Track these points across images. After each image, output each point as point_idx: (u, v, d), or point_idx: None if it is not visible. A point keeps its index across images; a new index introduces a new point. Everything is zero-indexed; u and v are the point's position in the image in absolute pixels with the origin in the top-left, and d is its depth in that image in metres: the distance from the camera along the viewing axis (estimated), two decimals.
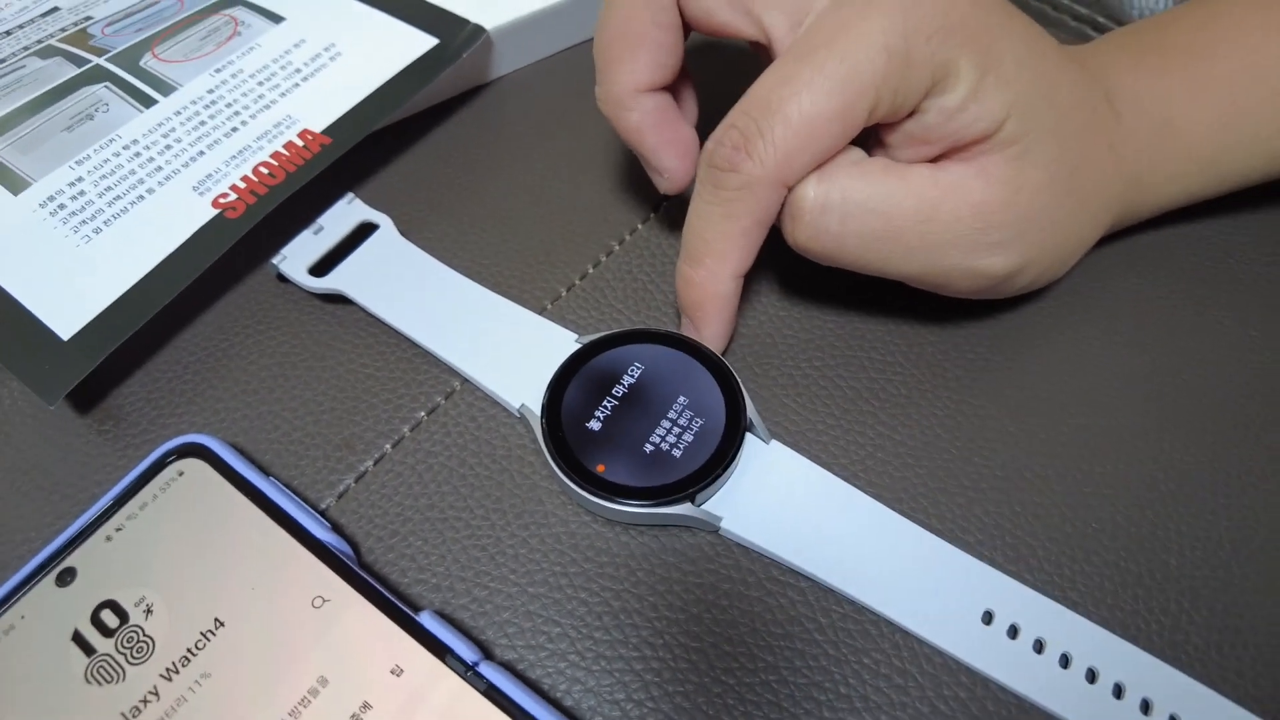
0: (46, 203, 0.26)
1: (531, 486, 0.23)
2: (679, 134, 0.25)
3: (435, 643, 0.19)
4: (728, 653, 0.20)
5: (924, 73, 0.20)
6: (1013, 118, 0.20)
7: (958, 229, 0.21)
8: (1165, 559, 0.21)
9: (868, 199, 0.21)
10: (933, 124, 0.21)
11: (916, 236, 0.21)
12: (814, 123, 0.20)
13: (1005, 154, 0.21)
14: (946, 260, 0.22)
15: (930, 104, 0.21)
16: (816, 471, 0.22)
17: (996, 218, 0.21)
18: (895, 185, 0.21)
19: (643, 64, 0.23)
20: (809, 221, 0.22)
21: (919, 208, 0.21)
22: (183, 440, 0.22)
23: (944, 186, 0.21)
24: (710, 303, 0.23)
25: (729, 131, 0.21)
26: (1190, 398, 0.24)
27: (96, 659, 0.19)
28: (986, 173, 0.21)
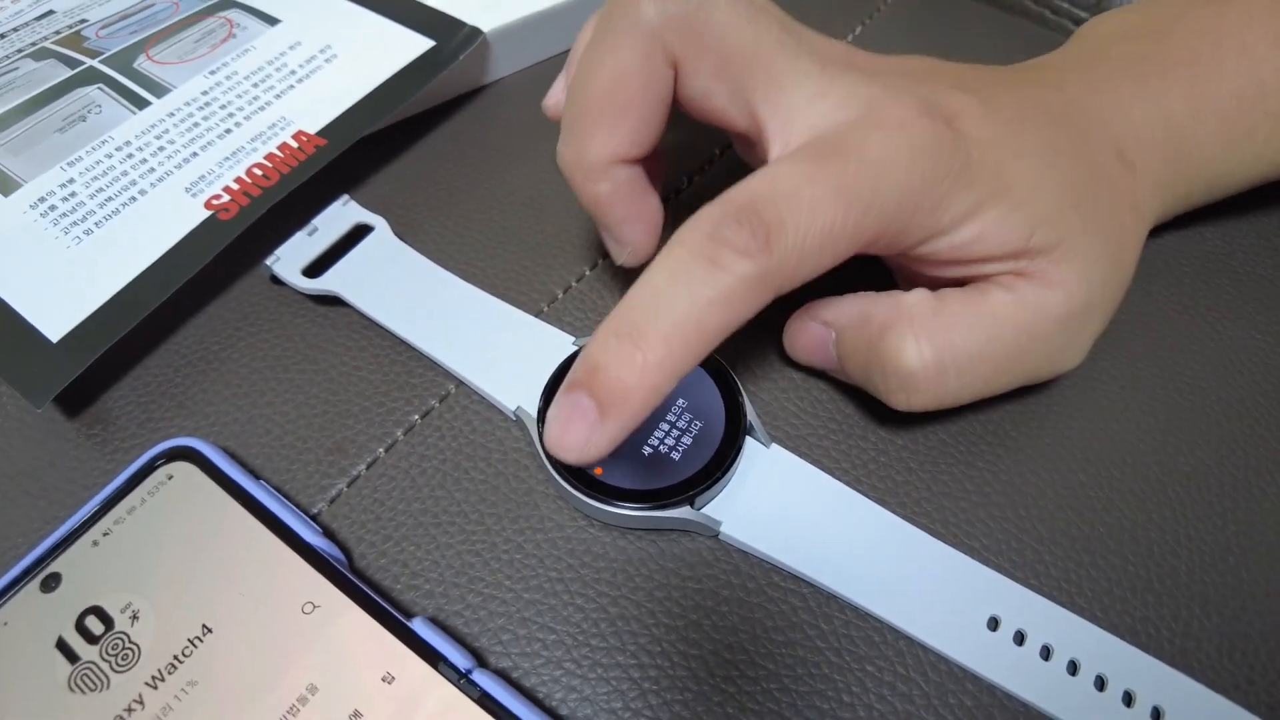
0: (37, 204, 0.26)
1: (527, 491, 0.22)
2: (647, 208, 0.23)
3: (428, 650, 0.18)
4: (728, 660, 0.20)
5: (932, 215, 0.19)
6: (1038, 231, 0.20)
7: (1050, 343, 0.21)
8: (1174, 564, 0.21)
9: (974, 348, 0.21)
10: (948, 256, 0.21)
11: (1020, 365, 0.21)
12: (834, 234, 0.18)
13: (1054, 259, 0.20)
14: (1043, 370, 0.22)
15: (940, 242, 0.20)
16: (818, 475, 0.22)
17: (1078, 323, 0.21)
18: (989, 324, 0.21)
19: (624, 136, 0.21)
20: (927, 389, 0.21)
21: (1017, 339, 0.21)
22: (172, 444, 0.21)
23: (1029, 309, 0.21)
24: (643, 398, 0.17)
25: (747, 212, 0.18)
26: (1195, 401, 0.24)
27: (80, 666, 0.18)
28: (1054, 284, 0.20)
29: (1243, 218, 0.28)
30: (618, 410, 0.18)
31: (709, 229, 0.18)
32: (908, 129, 0.19)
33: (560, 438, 0.18)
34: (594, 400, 0.18)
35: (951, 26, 0.35)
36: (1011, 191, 0.20)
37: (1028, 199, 0.20)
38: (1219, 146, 0.23)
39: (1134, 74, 0.23)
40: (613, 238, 0.23)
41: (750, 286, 0.18)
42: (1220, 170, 0.24)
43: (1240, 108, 0.23)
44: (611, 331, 0.18)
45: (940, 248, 0.20)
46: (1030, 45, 0.32)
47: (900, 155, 0.19)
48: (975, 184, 0.20)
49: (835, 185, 0.18)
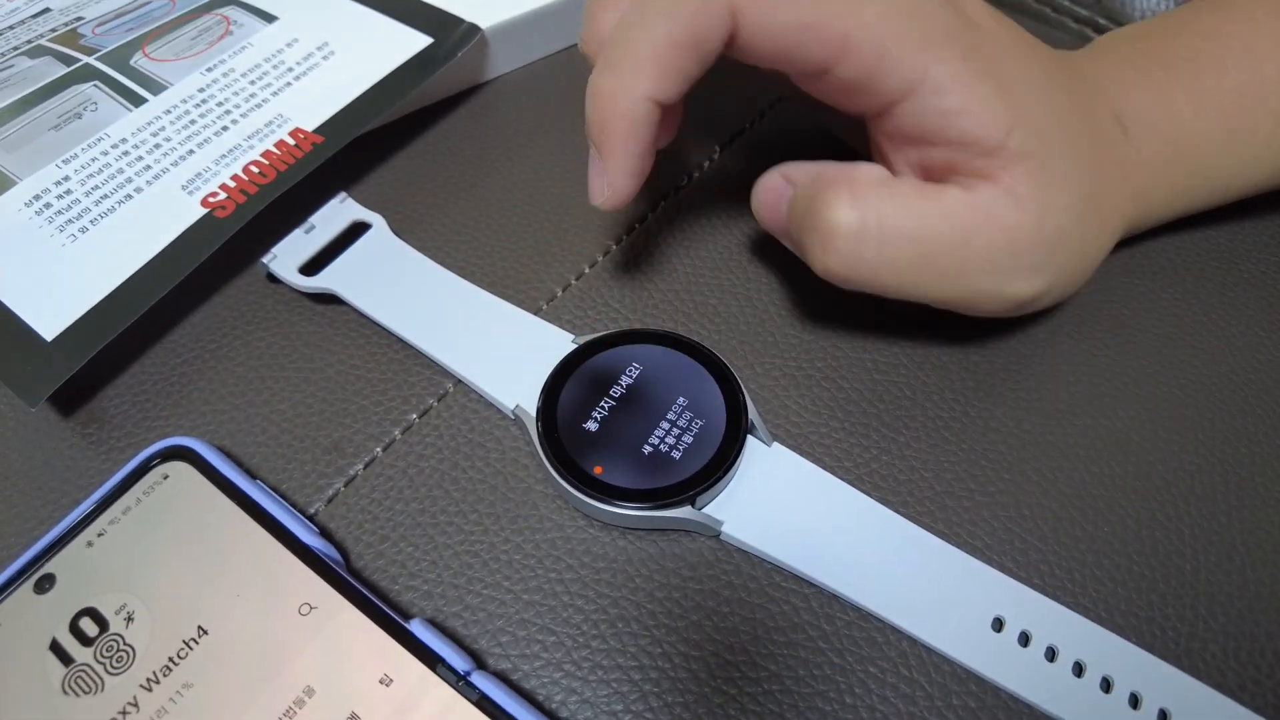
0: (32, 201, 0.26)
1: (526, 490, 0.22)
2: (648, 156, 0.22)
3: (426, 651, 0.18)
4: (729, 661, 0.20)
5: (915, 58, 0.19)
6: (1018, 130, 0.20)
7: (991, 254, 0.21)
8: (1180, 563, 0.21)
9: (904, 225, 0.20)
10: (932, 126, 0.20)
11: (951, 262, 0.21)
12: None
13: (1026, 170, 0.20)
14: (978, 284, 0.21)
15: (925, 103, 0.20)
16: (820, 474, 0.22)
17: (1027, 241, 0.21)
18: (930, 209, 0.20)
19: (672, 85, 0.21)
20: (843, 249, 0.20)
21: (954, 232, 0.20)
22: (168, 443, 0.21)
23: (978, 210, 0.20)
24: (616, 122, 0.20)
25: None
26: (1199, 400, 0.24)
27: (74, 669, 0.18)
28: (1015, 194, 0.20)
29: (1248, 216, 0.27)
30: (607, 145, 0.21)
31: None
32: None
33: (592, 194, 0.22)
34: (595, 147, 0.21)
35: None
36: (1003, 78, 0.20)
37: (1018, 94, 0.20)
38: (1220, 143, 0.23)
39: (1138, 65, 0.24)
40: (604, 172, 0.22)
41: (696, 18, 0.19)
42: (1221, 168, 0.24)
43: (1242, 104, 0.23)
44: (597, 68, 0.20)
45: (926, 110, 0.20)
46: None
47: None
48: (969, 54, 0.20)
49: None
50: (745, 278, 0.27)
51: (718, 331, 0.25)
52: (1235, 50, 0.23)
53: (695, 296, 0.26)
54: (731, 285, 0.26)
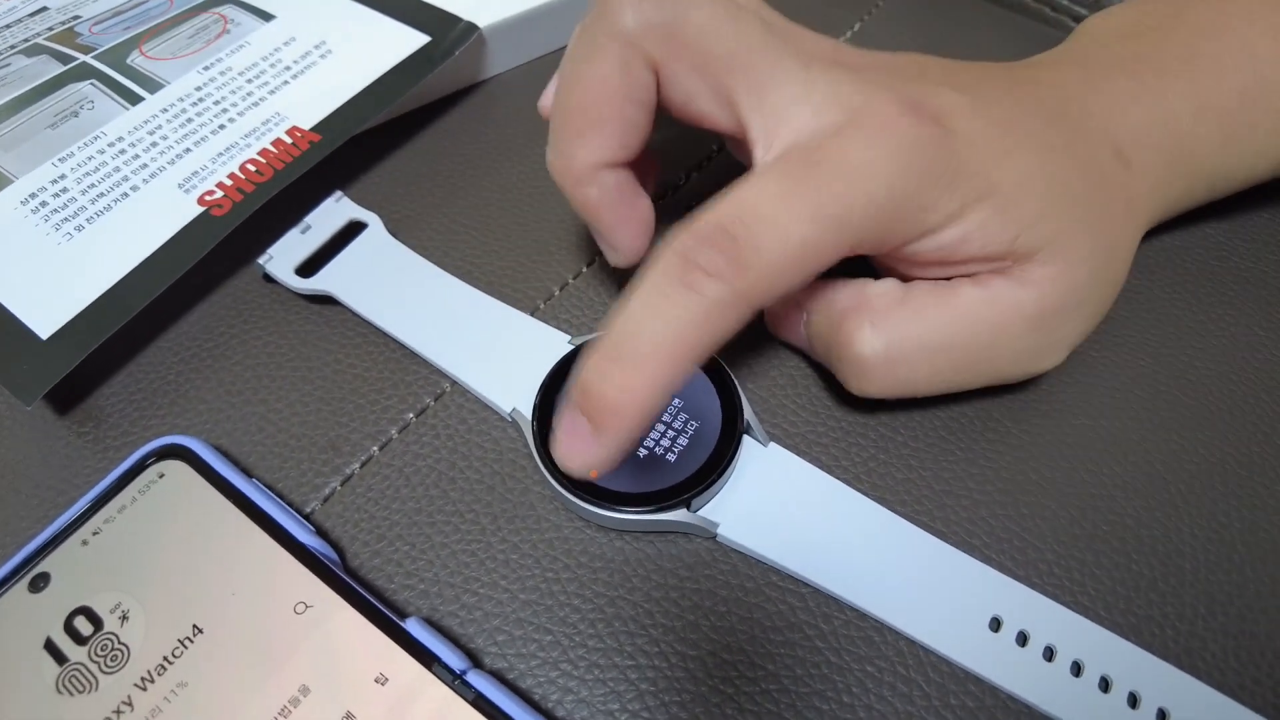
0: (28, 200, 0.26)
1: (523, 491, 0.22)
2: (636, 210, 0.23)
3: (422, 650, 0.18)
4: (726, 661, 0.19)
5: (916, 218, 0.19)
6: (1024, 234, 0.20)
7: (1021, 344, 0.21)
8: (1179, 562, 0.21)
9: (931, 339, 0.20)
10: (934, 258, 0.20)
11: (985, 360, 0.21)
12: (808, 249, 0.18)
13: (1039, 260, 0.20)
14: (1009, 371, 0.22)
15: (926, 244, 0.20)
16: (817, 475, 0.22)
17: (1054, 323, 0.21)
18: (952, 317, 0.20)
19: (608, 142, 0.21)
20: (879, 377, 0.21)
21: (981, 334, 0.21)
22: (164, 442, 0.21)
23: (999, 306, 0.20)
24: (634, 415, 0.18)
25: (719, 233, 0.18)
26: (1197, 398, 0.24)
27: (69, 668, 0.18)
28: (1032, 282, 0.20)
29: (1246, 213, 0.27)
30: (610, 429, 0.18)
31: (682, 251, 0.18)
32: (889, 130, 0.19)
33: (563, 455, 0.19)
34: (588, 419, 0.18)
35: (949, 23, 0.35)
36: (998, 191, 0.20)
37: (1016, 200, 0.20)
38: (1220, 143, 0.23)
39: (1132, 71, 0.23)
40: (603, 242, 0.23)
41: (724, 308, 0.18)
42: (1221, 167, 0.24)
43: (1242, 104, 0.23)
44: (598, 354, 0.18)
45: (925, 249, 0.20)
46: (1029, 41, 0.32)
47: (880, 161, 0.19)
48: (961, 184, 0.19)
49: (809, 201, 0.18)
50: None
51: None
52: (1233, 49, 0.23)
53: None
54: None
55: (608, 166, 0.22)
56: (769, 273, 0.18)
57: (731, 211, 0.18)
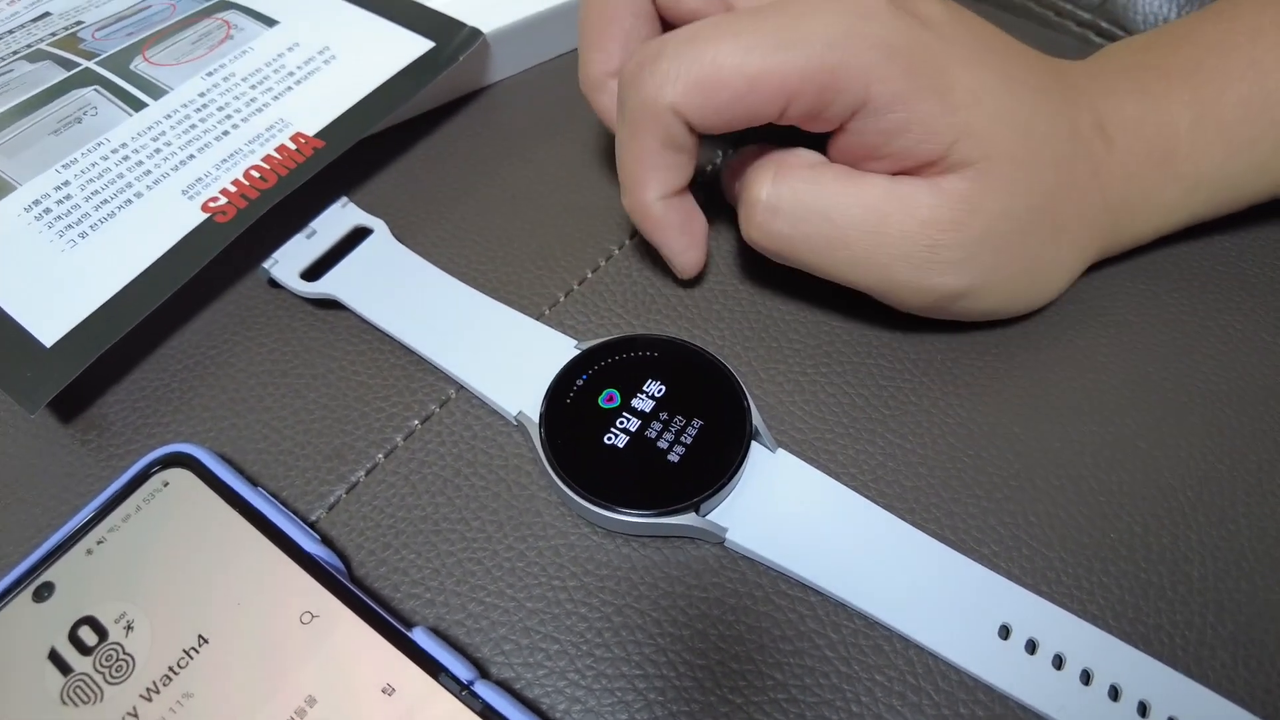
0: (32, 207, 0.26)
1: (529, 497, 0.22)
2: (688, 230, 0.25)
3: (429, 660, 0.18)
4: (735, 670, 0.19)
5: (857, 82, 0.20)
6: (962, 141, 0.20)
7: (905, 244, 0.21)
8: (1187, 570, 0.21)
9: (817, 204, 0.21)
10: (873, 142, 0.21)
11: (864, 248, 0.21)
12: (726, 73, 0.20)
13: (961, 174, 0.21)
14: (894, 274, 0.22)
15: (867, 123, 0.20)
16: (825, 481, 0.21)
17: (946, 237, 0.21)
18: (846, 192, 0.21)
19: (615, 49, 0.25)
20: (759, 222, 0.22)
21: (867, 218, 0.21)
22: (168, 450, 0.21)
23: (895, 199, 0.21)
24: (652, 226, 0.23)
25: (644, 47, 0.21)
26: (1205, 403, 0.24)
27: (73, 678, 0.18)
28: (940, 190, 0.21)
29: (1254, 221, 0.27)
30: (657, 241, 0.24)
31: (621, 73, 0.22)
32: (857, 3, 0.20)
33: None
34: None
35: None
36: (949, 92, 0.20)
37: (966, 105, 0.20)
38: (1221, 155, 0.23)
39: (1135, 76, 0.24)
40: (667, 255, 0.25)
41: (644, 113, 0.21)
42: (1222, 180, 0.24)
43: (1245, 117, 0.23)
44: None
45: (866, 129, 0.21)
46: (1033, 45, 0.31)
47: (826, 10, 0.20)
48: (913, 70, 0.20)
49: (735, 28, 0.20)
50: (749, 282, 0.26)
51: (721, 336, 0.25)
52: (1239, 62, 0.23)
53: (699, 301, 0.26)
54: (735, 289, 0.26)
55: (668, 196, 0.24)
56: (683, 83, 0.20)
57: (674, 35, 0.21)
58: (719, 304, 0.26)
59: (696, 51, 0.20)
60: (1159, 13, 0.36)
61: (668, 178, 0.23)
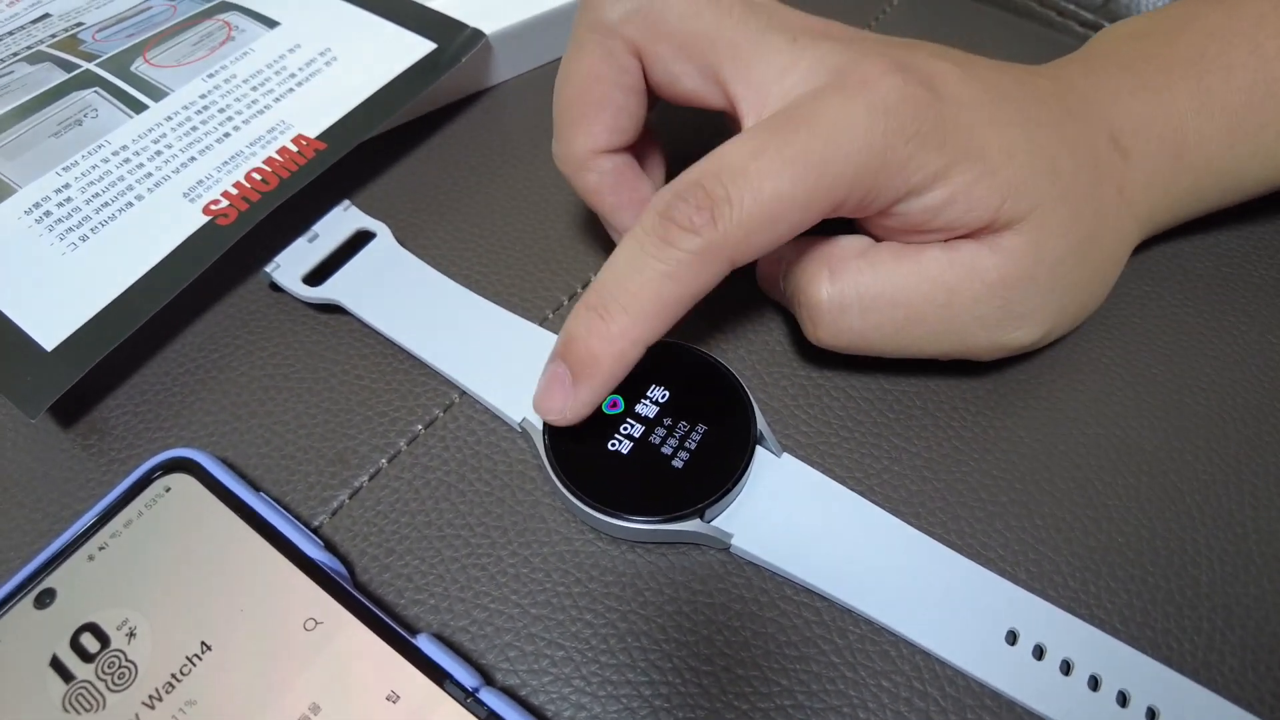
0: (32, 209, 0.26)
1: (533, 503, 0.22)
2: (637, 194, 0.24)
3: (433, 667, 0.18)
4: (740, 676, 0.19)
5: (899, 175, 0.19)
6: (1009, 201, 0.20)
7: (978, 309, 0.21)
8: (1195, 574, 0.21)
9: (883, 291, 0.21)
10: (920, 220, 0.20)
11: (939, 320, 0.21)
12: (783, 203, 0.19)
13: (1015, 230, 0.20)
14: (972, 339, 0.22)
15: (912, 205, 0.20)
16: (830, 485, 0.21)
17: (1017, 293, 0.21)
18: (909, 272, 0.21)
19: (601, 128, 0.23)
20: (829, 322, 0.21)
21: (935, 293, 0.21)
22: (170, 455, 0.21)
23: (959, 268, 0.21)
24: (609, 362, 0.20)
25: (694, 189, 0.19)
26: (1210, 406, 0.24)
27: (75, 685, 0.18)
28: (1001, 249, 0.20)
29: (1257, 221, 0.27)
30: (588, 376, 0.20)
31: (661, 208, 0.19)
32: (870, 87, 0.19)
33: (541, 402, 0.21)
34: (568, 368, 0.20)
35: (957, 27, 0.35)
36: (984, 156, 0.20)
37: (1001, 165, 0.20)
38: (1227, 142, 0.23)
39: (1137, 70, 0.23)
40: (608, 225, 0.25)
41: (699, 260, 0.19)
42: (1229, 167, 0.24)
43: (1249, 103, 0.23)
44: (583, 305, 0.20)
45: (911, 210, 0.20)
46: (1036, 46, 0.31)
47: (857, 117, 0.19)
48: (946, 144, 0.19)
49: (784, 156, 0.19)
50: (752, 285, 0.26)
51: (725, 340, 0.25)
52: (1241, 49, 0.23)
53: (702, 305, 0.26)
54: (738, 293, 0.26)
55: (605, 152, 0.23)
56: (743, 227, 0.19)
57: (709, 168, 0.19)
58: (722, 307, 0.26)
59: (755, 191, 0.19)
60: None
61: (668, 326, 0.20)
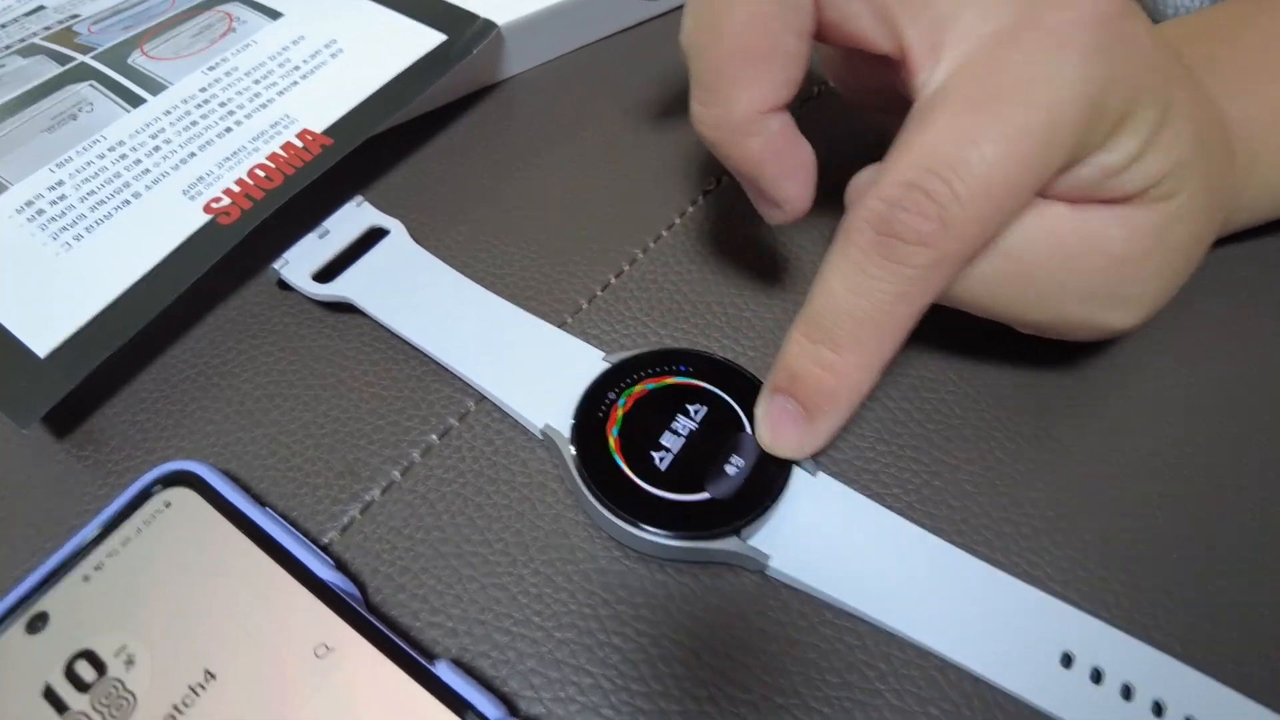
0: (24, 208, 0.25)
1: (556, 518, 0.21)
2: (801, 156, 0.20)
3: (454, 697, 0.17)
4: (780, 705, 0.18)
5: (1107, 126, 0.17)
6: (1171, 177, 0.18)
7: (1091, 281, 0.19)
8: (1261, 593, 0.19)
9: (1004, 240, 0.18)
10: (1085, 181, 0.18)
11: (1051, 285, 0.19)
12: (1015, 190, 0.17)
13: (1153, 208, 0.18)
14: (1071, 312, 0.20)
15: (1092, 160, 0.18)
16: (868, 505, 0.20)
17: (1130, 272, 0.19)
18: (1032, 227, 0.18)
19: (771, 82, 0.19)
20: None
21: (1055, 255, 0.19)
22: (170, 468, 0.20)
23: (1084, 235, 0.18)
24: (848, 396, 0.19)
25: (911, 193, 0.17)
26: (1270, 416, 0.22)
27: (70, 718, 0.17)
28: (1131, 224, 0.18)
29: None
30: (825, 413, 0.19)
31: (876, 220, 0.17)
32: (1079, 31, 0.17)
33: (775, 440, 0.20)
34: (799, 404, 0.19)
35: None
36: (1174, 119, 0.18)
37: (1180, 134, 0.18)
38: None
39: (1220, 73, 0.22)
40: (767, 198, 0.21)
41: (931, 273, 0.17)
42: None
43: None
44: (803, 336, 0.19)
45: (1083, 177, 0.18)
46: None
47: (1072, 74, 0.16)
48: (1151, 97, 0.17)
49: (1005, 137, 0.16)
50: (780, 286, 0.25)
51: (753, 346, 0.24)
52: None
53: (728, 308, 0.25)
54: (766, 294, 0.25)
55: (772, 111, 0.19)
56: (975, 227, 0.17)
57: (921, 162, 0.17)
58: (750, 311, 0.25)
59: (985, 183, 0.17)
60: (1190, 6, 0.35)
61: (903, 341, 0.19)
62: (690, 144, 0.25)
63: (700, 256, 0.26)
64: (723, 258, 0.26)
